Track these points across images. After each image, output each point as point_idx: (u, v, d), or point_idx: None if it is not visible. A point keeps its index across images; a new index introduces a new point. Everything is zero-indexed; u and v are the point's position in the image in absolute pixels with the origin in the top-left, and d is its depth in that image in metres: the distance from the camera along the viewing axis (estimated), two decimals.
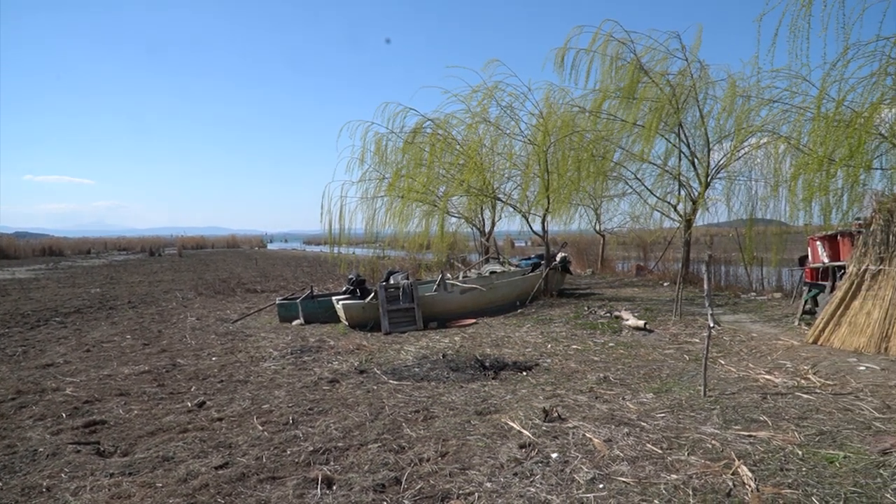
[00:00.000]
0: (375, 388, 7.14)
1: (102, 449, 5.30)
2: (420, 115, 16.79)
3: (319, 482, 4.32)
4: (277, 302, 13.45)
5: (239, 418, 6.09)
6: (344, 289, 13.41)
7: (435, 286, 12.96)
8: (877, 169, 8.91)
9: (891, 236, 8.53)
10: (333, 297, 12.77)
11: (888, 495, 3.84)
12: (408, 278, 12.70)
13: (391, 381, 7.42)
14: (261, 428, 5.72)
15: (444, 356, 8.79)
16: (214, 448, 5.20)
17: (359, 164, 17.48)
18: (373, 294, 11.86)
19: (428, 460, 4.71)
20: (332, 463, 4.77)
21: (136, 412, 6.41)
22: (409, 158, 16.72)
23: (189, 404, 6.64)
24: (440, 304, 12.42)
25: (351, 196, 17.81)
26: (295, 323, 12.63)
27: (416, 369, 8.06)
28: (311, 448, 5.08)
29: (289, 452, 5.03)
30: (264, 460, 4.85)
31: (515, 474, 4.38)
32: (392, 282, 12.38)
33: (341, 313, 11.92)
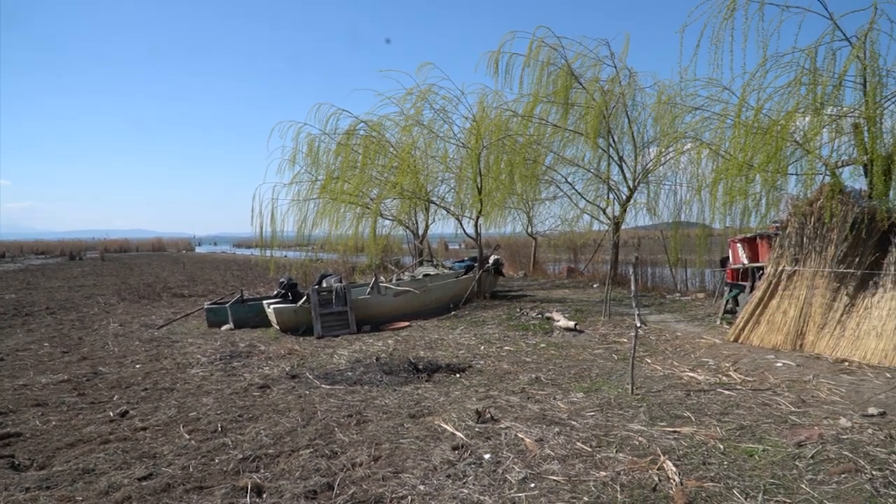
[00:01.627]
0: (307, 392, 7.04)
1: (17, 462, 5.04)
2: (353, 116, 16.70)
3: (249, 490, 4.23)
4: (206, 306, 13.10)
5: (164, 427, 5.89)
6: (275, 292, 13.17)
7: (368, 289, 12.89)
8: (792, 174, 9.34)
9: (805, 239, 8.97)
10: (264, 301, 12.52)
11: (804, 485, 4.02)
12: (341, 281, 12.58)
13: (324, 386, 7.32)
14: (187, 436, 5.55)
15: (377, 359, 8.74)
16: (138, 459, 5.01)
17: (290, 166, 17.24)
18: (305, 297, 11.70)
19: (361, 465, 4.67)
20: (262, 470, 4.67)
21: (54, 423, 6.12)
22: (343, 160, 16.58)
23: (111, 414, 6.39)
24: (374, 308, 12.35)
25: (282, 198, 17.54)
26: (224, 328, 12.32)
27: (349, 373, 7.99)
28: (241, 456, 4.96)
29: (217, 461, 4.90)
30: (191, 470, 4.71)
31: (448, 476, 4.39)
32: (325, 285, 12.24)
33: (273, 317, 11.70)
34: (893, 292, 7.88)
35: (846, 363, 7.60)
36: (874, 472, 4.14)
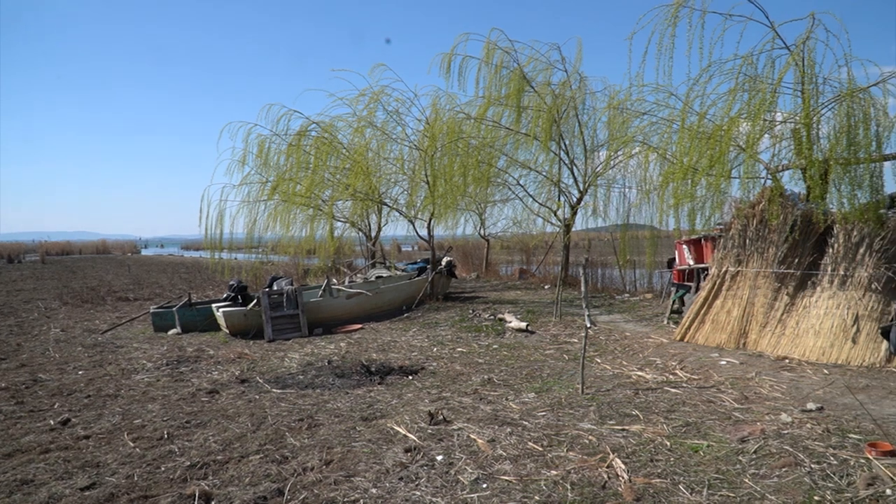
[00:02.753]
0: (258, 397, 6.94)
1: None
2: (305, 117, 16.54)
3: (196, 498, 4.15)
4: (152, 310, 12.79)
5: (108, 435, 5.73)
6: (225, 295, 12.95)
7: (320, 292, 12.77)
8: (735, 178, 9.61)
9: (747, 240, 9.25)
10: (213, 305, 12.30)
11: (746, 480, 4.14)
12: (292, 284, 12.44)
13: (274, 390, 7.23)
14: (132, 444, 5.42)
15: (329, 363, 8.68)
16: (80, 468, 4.87)
17: (240, 167, 16.97)
18: (255, 301, 11.53)
19: (312, 469, 4.63)
20: (210, 477, 4.59)
21: None
22: (294, 162, 16.40)
23: (52, 422, 6.18)
24: (326, 310, 12.25)
25: (232, 199, 17.29)
26: (171, 332, 12.05)
27: (301, 377, 7.91)
28: (188, 463, 4.86)
29: (163, 469, 4.79)
30: (136, 479, 4.60)
31: (401, 478, 4.39)
32: (276, 288, 12.09)
33: (222, 321, 11.50)
34: (830, 292, 8.19)
35: (787, 360, 7.87)
36: (813, 466, 4.29)
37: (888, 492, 3.81)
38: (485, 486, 4.23)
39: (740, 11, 8.94)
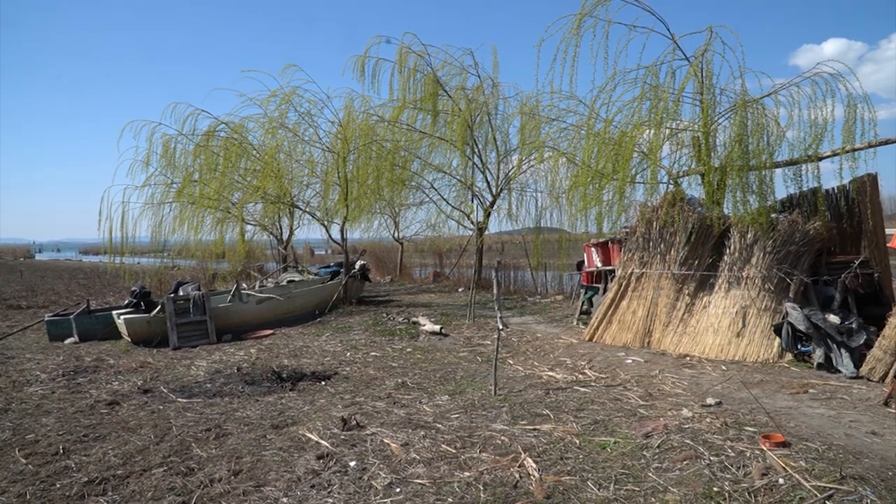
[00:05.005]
0: (161, 407, 6.65)
1: None
2: (213, 117, 16.04)
3: None
4: (46, 319, 12.05)
5: None
6: (126, 302, 12.37)
7: (229, 297, 12.40)
8: (639, 183, 9.98)
9: (651, 243, 9.63)
10: (114, 312, 11.72)
11: (650, 474, 4.30)
12: (199, 289, 12.03)
13: (180, 400, 6.95)
14: (24, 461, 5.07)
15: (238, 370, 8.43)
16: None
17: (143, 168, 16.27)
18: (160, 307, 11.07)
19: (220, 480, 4.47)
20: (110, 493, 4.36)
21: None
22: (202, 163, 15.90)
23: None
24: (235, 316, 11.90)
25: (135, 202, 16.52)
26: (68, 341, 11.39)
27: (208, 385, 7.64)
28: (86, 479, 4.60)
29: (58, 486, 4.51)
30: (28, 497, 4.31)
31: (313, 486, 4.31)
32: (182, 293, 11.64)
33: (123, 329, 10.98)
34: (727, 292, 8.63)
35: (688, 358, 8.23)
36: (712, 458, 4.49)
37: (780, 481, 4.03)
38: (398, 490, 4.20)
39: (643, 23, 9.30)
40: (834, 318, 7.42)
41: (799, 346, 7.61)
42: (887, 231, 8.76)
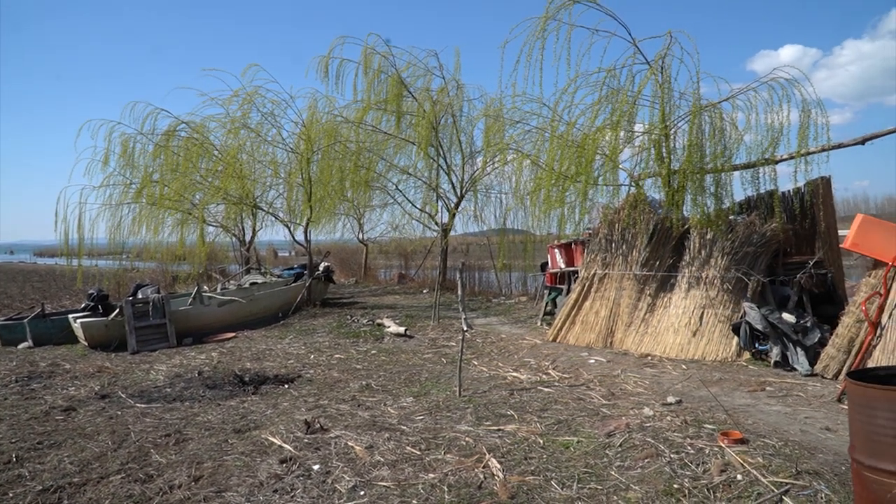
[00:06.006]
0: (120, 413, 6.51)
1: None
2: (173, 117, 15.81)
3: None
4: None
5: None
6: (83, 305, 12.09)
7: (190, 300, 12.20)
8: (601, 185, 10.08)
9: (613, 244, 9.74)
10: (70, 316, 11.44)
11: (613, 472, 4.34)
12: (159, 292, 11.81)
13: (138, 405, 6.81)
14: None
15: (199, 374, 8.30)
16: None
17: (102, 168, 15.92)
18: (118, 310, 10.84)
19: (180, 487, 4.40)
20: (65, 501, 4.26)
21: None
22: (162, 163, 15.64)
23: None
24: (195, 319, 11.72)
25: (92, 202, 16.13)
26: (21, 346, 11.09)
27: (168, 390, 7.51)
28: (40, 487, 4.48)
29: (11, 495, 4.38)
30: None
31: (275, 491, 4.26)
32: (141, 296, 11.43)
33: (80, 333, 10.72)
34: (687, 292, 8.78)
35: (649, 357, 8.36)
36: (672, 456, 4.56)
37: (739, 477, 4.11)
38: (362, 493, 4.18)
39: (605, 27, 9.39)
40: (790, 318, 7.60)
41: (756, 345, 7.77)
42: (840, 232, 9.02)
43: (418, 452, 4.89)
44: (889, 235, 6.92)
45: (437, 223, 17.90)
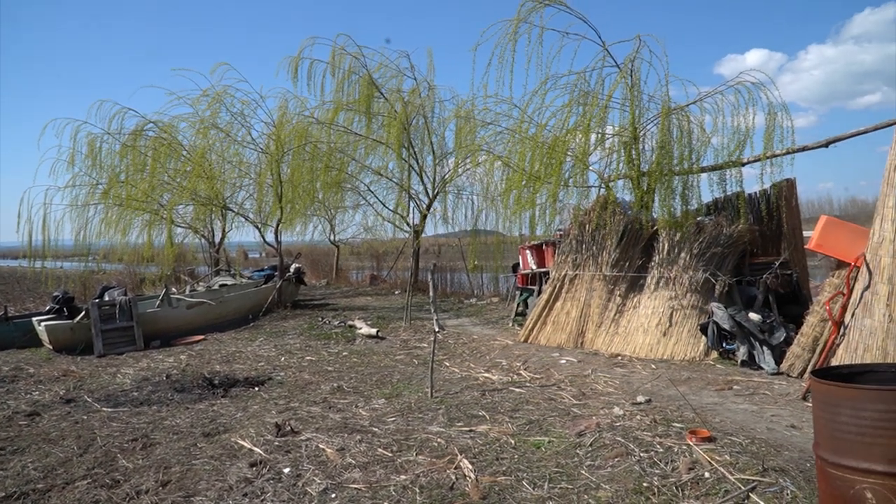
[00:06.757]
0: (85, 417, 6.39)
1: None
2: (141, 116, 15.55)
3: None
4: None
5: None
6: (48, 308, 11.84)
7: (158, 302, 12.02)
8: (572, 186, 10.16)
9: (584, 245, 9.82)
10: (34, 319, 11.19)
11: (583, 471, 4.38)
12: (126, 294, 11.61)
13: (105, 409, 6.69)
14: None
15: (167, 377, 8.18)
16: None
17: (67, 167, 15.60)
18: (84, 313, 10.64)
19: (147, 492, 4.33)
20: None
21: None
22: (129, 163, 15.38)
23: None
24: (163, 321, 11.54)
25: (57, 203, 15.80)
26: None
27: (135, 393, 7.39)
28: (3, 494, 4.38)
29: None
30: None
31: (245, 495, 4.21)
32: (107, 298, 11.22)
33: (44, 336, 10.50)
34: (656, 293, 8.88)
35: (619, 357, 8.44)
36: (642, 454, 4.61)
37: (706, 474, 4.17)
38: (333, 495, 4.16)
39: (576, 30, 9.47)
40: (756, 317, 7.73)
41: (724, 345, 7.89)
42: (805, 233, 9.21)
43: (390, 454, 4.88)
44: (852, 236, 7.07)
45: (408, 224, 17.88)
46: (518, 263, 12.97)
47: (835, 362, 6.38)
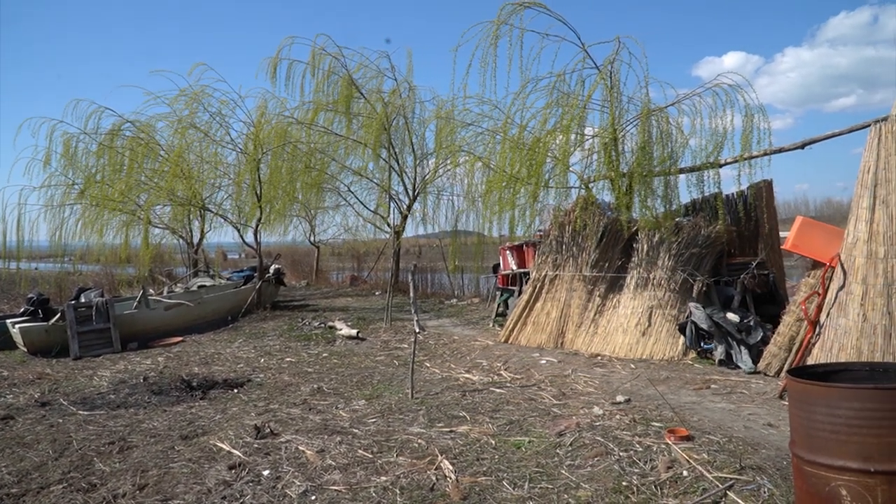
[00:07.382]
0: (61, 421, 6.30)
1: None
2: (118, 115, 15.36)
3: None
4: None
5: None
6: (22, 310, 11.67)
7: (135, 303, 11.89)
8: (552, 187, 10.20)
9: (564, 246, 9.86)
10: (8, 321, 11.02)
11: (563, 471, 4.39)
12: (102, 295, 11.48)
13: (81, 412, 6.60)
14: None
15: (145, 379, 8.09)
16: None
17: (43, 167, 15.40)
18: (59, 314, 10.49)
19: (124, 496, 4.27)
20: None
21: None
22: (106, 163, 15.21)
23: None
24: (141, 323, 11.42)
25: (32, 203, 15.59)
26: None
27: (112, 396, 7.30)
28: None
29: None
30: None
31: (224, 498, 4.17)
32: (83, 300, 11.09)
33: (19, 339, 10.34)
34: (635, 293, 8.94)
35: (599, 357, 8.49)
36: (621, 454, 4.64)
37: (685, 473, 4.21)
38: (314, 497, 4.13)
39: (556, 32, 9.50)
40: (734, 317, 7.81)
41: (702, 344, 7.96)
42: (781, 234, 9.33)
43: (370, 455, 4.86)
44: (827, 237, 7.17)
45: (389, 225, 17.84)
46: (499, 264, 12.99)
47: (810, 361, 6.47)
